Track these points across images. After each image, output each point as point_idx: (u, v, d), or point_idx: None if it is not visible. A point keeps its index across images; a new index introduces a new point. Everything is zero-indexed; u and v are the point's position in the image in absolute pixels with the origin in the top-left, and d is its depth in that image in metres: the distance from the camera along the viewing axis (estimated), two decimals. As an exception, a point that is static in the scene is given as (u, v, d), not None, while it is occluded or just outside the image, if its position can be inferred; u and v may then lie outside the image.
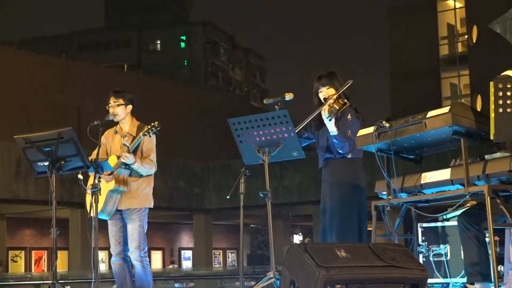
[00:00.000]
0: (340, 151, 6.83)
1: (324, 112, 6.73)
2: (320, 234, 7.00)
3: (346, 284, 4.84)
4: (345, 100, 6.87)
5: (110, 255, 7.47)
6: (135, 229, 7.25)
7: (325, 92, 6.94)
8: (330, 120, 6.71)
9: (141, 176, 7.32)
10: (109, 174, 7.19)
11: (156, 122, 7.12)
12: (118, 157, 7.19)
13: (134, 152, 7.21)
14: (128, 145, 7.16)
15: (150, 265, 7.46)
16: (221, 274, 26.69)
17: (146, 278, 7.28)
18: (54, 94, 37.17)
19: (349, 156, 6.80)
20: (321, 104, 6.91)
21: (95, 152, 7.31)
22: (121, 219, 7.36)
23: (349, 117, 6.80)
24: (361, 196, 6.81)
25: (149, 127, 7.13)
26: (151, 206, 7.42)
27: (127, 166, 7.19)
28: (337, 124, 6.78)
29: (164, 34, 70.13)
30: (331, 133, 6.79)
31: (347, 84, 6.88)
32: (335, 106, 6.77)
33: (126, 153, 7.12)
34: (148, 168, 7.28)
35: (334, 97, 6.84)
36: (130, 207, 7.27)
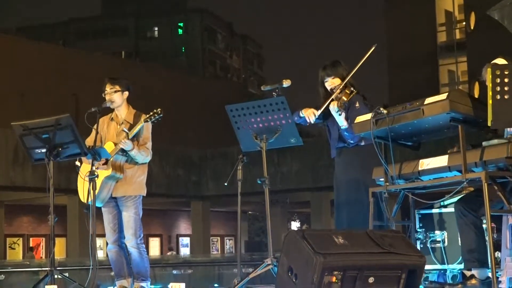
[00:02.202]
0: (351, 141, 6.86)
1: (334, 107, 6.76)
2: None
3: (344, 270, 4.85)
4: (352, 89, 6.89)
5: (107, 242, 7.48)
6: (130, 216, 7.25)
7: (330, 82, 6.97)
8: (340, 114, 6.75)
9: (136, 163, 7.31)
10: (104, 163, 7.18)
11: (159, 109, 7.11)
12: (115, 144, 7.18)
13: (133, 139, 7.20)
14: (127, 131, 7.15)
15: (147, 251, 7.47)
16: (219, 261, 26.65)
17: (143, 264, 7.30)
18: (51, 81, 37.13)
19: (362, 143, 6.82)
20: (327, 94, 6.94)
21: (88, 139, 7.32)
22: (116, 207, 7.35)
23: (357, 105, 6.82)
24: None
25: (151, 113, 7.12)
26: (145, 194, 7.43)
27: (124, 152, 7.18)
28: (347, 113, 6.79)
29: (162, 22, 69.95)
30: (341, 127, 6.82)
31: (352, 73, 6.90)
32: (343, 98, 6.79)
33: (125, 139, 7.11)
34: (145, 155, 7.28)
35: (341, 87, 6.86)
36: (125, 194, 7.27)
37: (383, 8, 45.20)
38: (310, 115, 6.88)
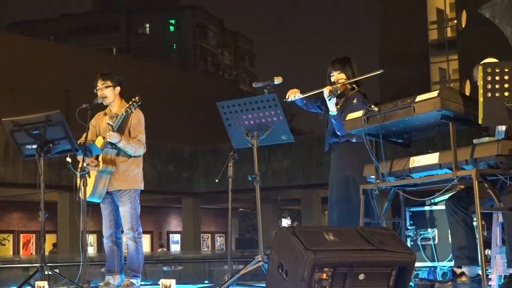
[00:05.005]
0: (338, 133, 6.87)
1: (326, 92, 6.78)
2: None
3: (334, 267, 4.85)
4: (354, 85, 6.93)
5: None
6: (126, 211, 7.24)
7: (336, 76, 6.98)
8: (330, 100, 6.77)
9: (129, 157, 7.28)
10: (96, 158, 7.17)
11: (137, 97, 7.11)
12: (104, 138, 7.17)
13: (120, 130, 7.18)
14: (111, 123, 7.14)
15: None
16: (209, 258, 26.74)
17: (137, 259, 7.28)
18: (43, 77, 37.04)
19: (353, 140, 6.81)
20: None
21: (84, 135, 7.30)
22: (112, 202, 7.34)
23: (354, 101, 6.85)
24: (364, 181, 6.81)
25: (130, 103, 7.13)
26: (141, 188, 7.40)
27: (113, 145, 7.16)
28: (343, 107, 6.81)
29: (153, 18, 69.85)
30: (330, 113, 6.84)
31: (362, 77, 6.93)
32: (339, 88, 6.82)
33: (110, 131, 7.10)
34: (136, 147, 7.24)
35: (342, 80, 6.89)
36: (119, 188, 7.25)
37: (375, 6, 45.26)
38: (291, 93, 6.90)
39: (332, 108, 6.84)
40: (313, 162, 26.96)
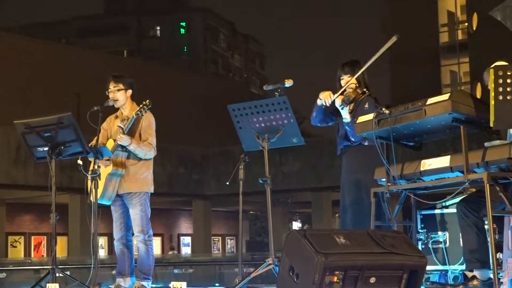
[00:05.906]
0: (352, 139, 6.86)
1: (338, 101, 6.77)
2: None
3: (345, 270, 4.85)
4: (364, 89, 6.91)
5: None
6: (137, 214, 7.25)
7: (346, 80, 6.98)
8: (342, 109, 6.77)
9: (140, 159, 7.28)
10: (107, 159, 7.18)
11: (148, 101, 7.12)
12: (115, 141, 7.18)
13: (130, 133, 7.18)
14: (122, 126, 7.15)
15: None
16: (220, 261, 26.70)
17: (148, 262, 7.29)
18: (54, 79, 37.11)
19: (366, 143, 6.80)
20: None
21: (96, 138, 7.32)
22: (123, 205, 7.35)
23: (366, 105, 6.83)
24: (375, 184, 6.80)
25: (140, 106, 7.14)
26: (151, 191, 7.40)
27: (124, 148, 7.17)
28: (355, 111, 6.80)
29: (164, 20, 69.95)
30: (344, 120, 6.83)
31: (364, 67, 6.88)
32: (351, 95, 6.81)
33: (121, 134, 7.11)
34: (146, 150, 7.24)
35: (352, 85, 6.87)
36: (129, 191, 7.26)
37: (384, 8, 45.19)
38: (326, 97, 6.87)
39: (346, 116, 6.83)
40: (324, 164, 26.92)
